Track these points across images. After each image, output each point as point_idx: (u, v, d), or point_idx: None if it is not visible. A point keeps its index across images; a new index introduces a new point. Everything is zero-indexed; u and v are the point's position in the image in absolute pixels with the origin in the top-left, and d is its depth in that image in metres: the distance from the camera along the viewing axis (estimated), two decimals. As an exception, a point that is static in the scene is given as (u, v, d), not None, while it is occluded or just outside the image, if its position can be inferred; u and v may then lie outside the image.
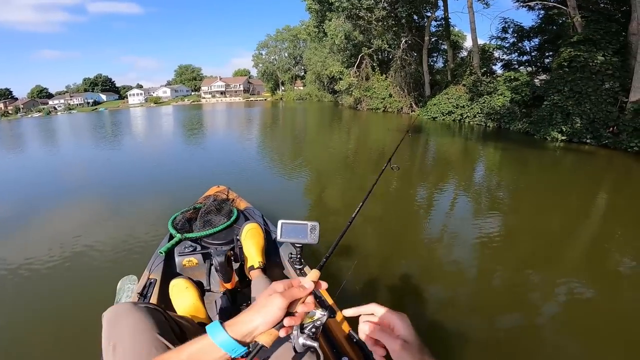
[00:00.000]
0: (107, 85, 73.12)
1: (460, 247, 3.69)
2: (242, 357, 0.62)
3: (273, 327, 0.61)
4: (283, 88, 57.85)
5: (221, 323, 0.62)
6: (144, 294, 1.59)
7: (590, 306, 2.66)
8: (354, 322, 1.29)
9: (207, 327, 0.62)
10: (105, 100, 67.87)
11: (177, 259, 1.85)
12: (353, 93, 23.69)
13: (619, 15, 9.77)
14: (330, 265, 3.13)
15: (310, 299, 0.66)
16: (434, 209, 4.98)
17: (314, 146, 11.25)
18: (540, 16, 15.01)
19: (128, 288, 2.22)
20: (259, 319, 0.60)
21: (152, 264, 1.82)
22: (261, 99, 57.68)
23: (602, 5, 10.20)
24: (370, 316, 0.66)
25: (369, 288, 2.89)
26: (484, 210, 4.84)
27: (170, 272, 1.81)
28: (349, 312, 0.68)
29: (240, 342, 0.60)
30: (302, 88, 50.51)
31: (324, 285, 0.70)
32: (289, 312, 0.62)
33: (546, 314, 2.60)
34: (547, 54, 16.03)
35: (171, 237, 1.98)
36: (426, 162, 8.69)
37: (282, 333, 0.62)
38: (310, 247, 1.53)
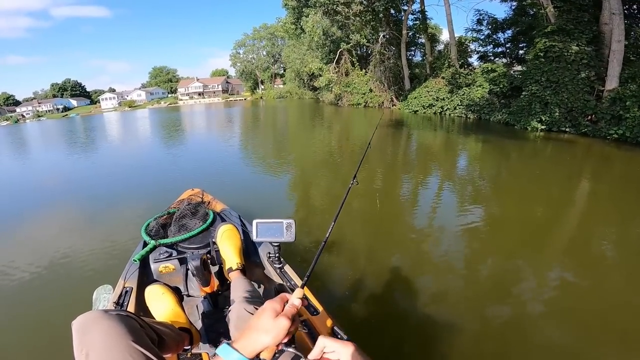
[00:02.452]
0: (77, 90, 70.06)
1: (447, 239, 3.66)
2: None
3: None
4: (263, 87, 57.08)
5: (230, 344, 0.67)
6: (120, 303, 1.56)
7: (577, 292, 2.66)
8: (338, 320, 1.33)
9: (218, 350, 0.67)
10: (75, 105, 64.98)
11: (152, 266, 1.80)
12: (333, 89, 23.46)
13: (588, 4, 9.85)
14: (323, 261, 3.03)
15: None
16: (419, 203, 4.95)
17: (294, 144, 10.99)
18: (513, 7, 15.19)
19: (104, 298, 2.17)
20: (268, 339, 0.66)
21: (126, 272, 1.78)
22: (241, 98, 56.59)
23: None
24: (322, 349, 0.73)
25: (356, 286, 2.81)
26: (468, 201, 4.80)
27: (146, 279, 1.78)
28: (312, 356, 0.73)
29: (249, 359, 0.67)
30: (282, 86, 49.95)
31: (304, 302, 0.77)
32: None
33: (535, 303, 2.57)
34: (520, 45, 16.24)
35: (145, 244, 1.92)
36: (409, 156, 8.61)
37: (280, 347, 0.70)
38: (290, 244, 1.49)
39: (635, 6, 10.42)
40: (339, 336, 1.25)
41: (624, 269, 3.00)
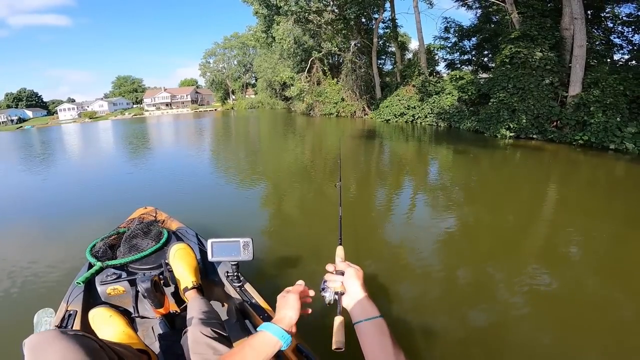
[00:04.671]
0: (33, 100, 65.67)
1: (422, 247, 3.66)
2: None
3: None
4: (234, 97, 56.10)
5: (270, 322, 0.79)
6: (62, 327, 1.51)
7: (551, 293, 2.73)
8: (302, 335, 1.30)
9: (261, 327, 0.79)
10: (31, 116, 60.73)
11: (99, 288, 1.73)
12: (305, 99, 23.19)
13: (550, 10, 10.14)
14: (286, 278, 2.93)
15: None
16: (393, 212, 4.93)
17: (264, 158, 10.45)
18: (478, 15, 15.57)
19: (46, 321, 2.01)
20: (291, 312, 0.81)
21: (69, 295, 1.72)
22: (211, 109, 55.18)
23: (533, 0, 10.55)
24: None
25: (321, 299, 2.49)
26: (442, 209, 4.84)
27: (93, 302, 1.71)
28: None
29: (288, 332, 0.80)
30: (253, 96, 49.33)
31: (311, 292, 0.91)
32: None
33: (511, 305, 2.61)
34: (484, 53, 16.63)
35: (91, 266, 1.83)
36: (383, 167, 8.37)
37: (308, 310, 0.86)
38: (248, 263, 1.51)
39: (590, 11, 10.77)
40: (304, 353, 1.28)
41: (592, 267, 3.16)
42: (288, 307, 0.82)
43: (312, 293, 0.89)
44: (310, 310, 0.86)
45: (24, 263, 3.69)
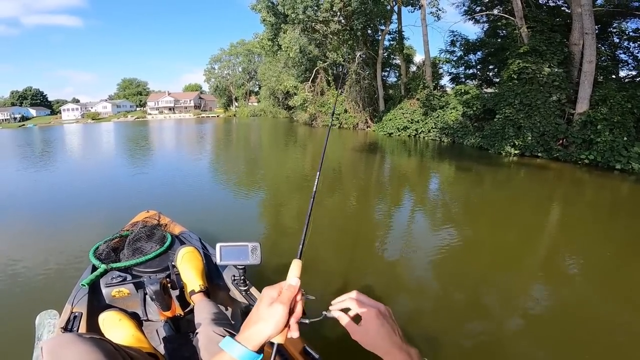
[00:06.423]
0: (37, 99, 65.93)
1: (422, 262, 3.65)
2: None
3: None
4: (237, 104, 56.35)
5: (234, 337, 0.63)
6: (68, 329, 1.51)
7: (551, 311, 2.74)
8: (309, 336, 1.31)
9: (221, 344, 0.63)
10: (34, 115, 60.91)
11: (104, 291, 1.75)
12: (308, 109, 23.18)
13: (559, 25, 10.06)
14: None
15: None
16: (393, 227, 4.92)
17: (264, 165, 10.35)
18: (485, 29, 15.55)
19: (49, 323, 1.97)
20: (269, 328, 0.62)
21: (74, 297, 1.72)
22: (213, 115, 55.36)
23: (543, 14, 10.48)
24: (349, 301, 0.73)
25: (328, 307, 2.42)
26: (443, 225, 4.81)
27: (97, 304, 1.73)
28: (335, 308, 0.72)
29: (256, 351, 0.63)
30: (256, 104, 49.55)
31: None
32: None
33: (510, 322, 2.65)
34: (489, 67, 16.55)
35: (95, 268, 1.84)
36: (383, 181, 8.24)
37: (294, 334, 0.65)
38: (255, 267, 1.46)
39: (597, 26, 10.52)
40: (311, 356, 1.30)
41: (593, 287, 3.18)
42: (265, 320, 0.61)
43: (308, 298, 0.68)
44: (295, 329, 0.65)
45: (24, 264, 3.65)
